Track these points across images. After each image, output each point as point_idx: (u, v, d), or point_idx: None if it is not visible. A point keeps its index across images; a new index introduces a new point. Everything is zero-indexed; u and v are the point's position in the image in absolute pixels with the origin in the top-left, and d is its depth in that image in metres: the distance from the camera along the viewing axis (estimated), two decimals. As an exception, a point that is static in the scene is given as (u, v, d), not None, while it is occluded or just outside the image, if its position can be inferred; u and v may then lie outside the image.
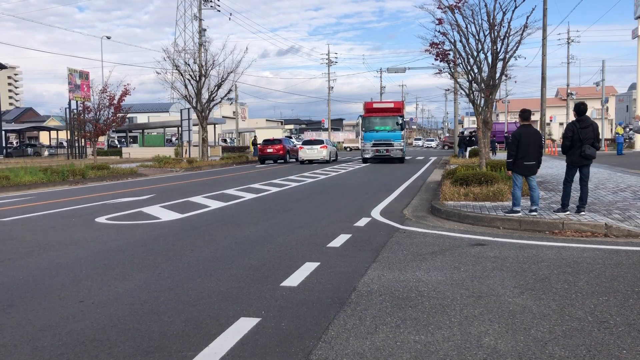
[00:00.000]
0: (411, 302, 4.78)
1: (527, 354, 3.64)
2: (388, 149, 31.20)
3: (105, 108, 32.70)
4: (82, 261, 6.61)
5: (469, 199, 11.06)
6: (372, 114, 32.91)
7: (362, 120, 33.57)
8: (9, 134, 63.83)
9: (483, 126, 15.42)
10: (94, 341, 3.95)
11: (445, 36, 15.34)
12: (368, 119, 32.74)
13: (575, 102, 9.46)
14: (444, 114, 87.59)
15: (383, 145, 31.33)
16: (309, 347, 3.79)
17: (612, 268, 5.94)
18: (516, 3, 13.90)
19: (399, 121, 32.26)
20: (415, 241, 7.60)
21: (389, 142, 31.29)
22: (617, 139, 35.59)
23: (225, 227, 9.08)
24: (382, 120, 32.47)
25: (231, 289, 5.25)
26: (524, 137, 8.95)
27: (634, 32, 42.36)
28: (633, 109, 62.90)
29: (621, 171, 18.55)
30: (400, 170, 25.16)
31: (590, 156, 8.85)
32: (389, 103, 34.39)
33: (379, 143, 31.43)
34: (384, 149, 31.28)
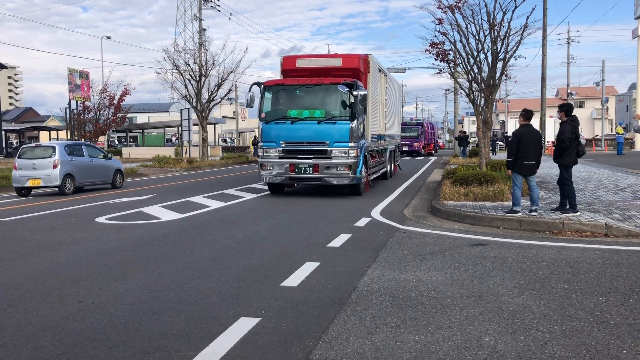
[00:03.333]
0: (411, 302, 4.78)
1: (527, 354, 3.64)
2: (317, 163, 13.22)
3: (105, 108, 32.75)
4: (82, 261, 6.61)
5: (469, 199, 11.06)
6: (292, 80, 14.02)
7: (264, 96, 13.95)
8: (9, 134, 63.78)
9: (483, 126, 15.41)
10: (94, 341, 3.95)
11: (446, 36, 15.34)
12: (277, 93, 13.92)
13: (562, 103, 9.47)
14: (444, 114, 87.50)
15: (306, 153, 13.41)
16: (309, 347, 3.79)
17: (612, 268, 5.94)
18: (516, 3, 13.89)
19: (348, 98, 13.28)
20: (415, 241, 7.60)
21: (319, 148, 13.30)
22: (617, 138, 35.59)
23: (225, 227, 9.08)
24: (309, 97, 13.77)
25: (231, 289, 5.25)
26: (525, 137, 8.94)
27: (634, 32, 42.35)
28: (633, 109, 62.96)
29: (621, 171, 18.55)
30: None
31: (584, 154, 9.20)
32: (329, 58, 15.22)
33: (299, 150, 13.46)
34: (309, 163, 13.32)
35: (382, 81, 17.13)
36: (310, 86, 13.54)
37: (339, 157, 13.02)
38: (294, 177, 13.41)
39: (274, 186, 14.23)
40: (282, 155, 13.39)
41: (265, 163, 13.60)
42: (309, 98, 13.60)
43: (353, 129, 13.03)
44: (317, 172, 13.11)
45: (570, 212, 8.87)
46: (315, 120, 13.19)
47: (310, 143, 13.18)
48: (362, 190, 13.73)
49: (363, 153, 13.60)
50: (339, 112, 13.18)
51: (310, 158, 13.19)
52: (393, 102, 20.50)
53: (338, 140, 13.03)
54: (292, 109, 13.53)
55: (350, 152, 13.03)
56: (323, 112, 13.26)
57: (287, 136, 13.35)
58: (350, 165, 13.00)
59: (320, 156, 13.13)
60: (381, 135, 16.99)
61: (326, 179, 13.10)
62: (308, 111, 13.39)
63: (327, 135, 13.07)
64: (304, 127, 13.25)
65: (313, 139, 13.15)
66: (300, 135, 13.25)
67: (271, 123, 13.49)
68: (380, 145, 16.98)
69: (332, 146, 13.03)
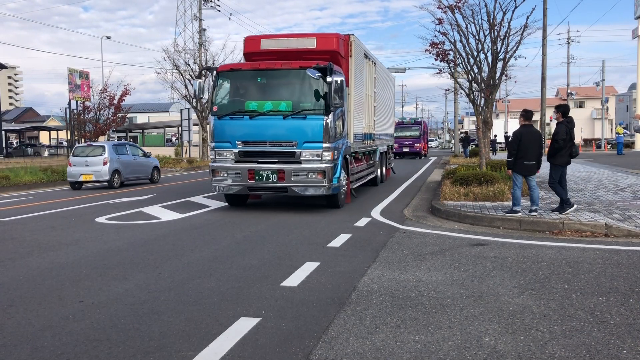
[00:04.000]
0: (411, 302, 4.78)
1: (527, 354, 3.64)
2: (282, 169, 10.60)
3: (105, 108, 32.71)
4: (82, 261, 6.61)
5: (469, 199, 11.06)
6: (252, 64, 11.38)
7: (216, 85, 11.29)
8: (9, 134, 63.80)
9: (483, 126, 15.41)
10: (94, 341, 3.95)
11: (445, 36, 15.33)
12: (233, 81, 11.36)
13: (559, 104, 9.50)
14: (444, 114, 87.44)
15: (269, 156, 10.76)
16: (309, 347, 3.79)
17: (612, 268, 5.94)
18: (516, 3, 13.87)
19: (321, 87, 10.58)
20: (415, 241, 7.60)
21: (285, 150, 10.69)
22: (617, 138, 35.59)
23: (225, 227, 9.08)
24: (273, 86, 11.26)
25: (231, 289, 5.25)
26: (525, 137, 8.95)
27: (634, 32, 42.37)
28: (633, 109, 62.95)
29: (621, 171, 18.55)
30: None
31: (577, 155, 9.23)
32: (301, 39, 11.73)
33: (259, 152, 10.84)
34: (272, 168, 10.66)
35: (369, 70, 14.56)
36: (274, 71, 10.93)
37: (311, 160, 10.42)
38: (254, 187, 10.73)
39: (232, 197, 11.70)
40: (239, 159, 10.77)
41: (217, 169, 10.94)
42: (272, 87, 11.05)
43: (328, 126, 10.44)
44: (282, 181, 10.45)
45: (568, 209, 8.90)
46: (280, 114, 10.58)
47: (274, 143, 10.58)
48: (341, 202, 11.22)
49: (342, 156, 11.11)
50: (311, 104, 10.57)
51: (274, 162, 10.55)
52: (384, 97, 17.90)
53: (309, 140, 10.43)
54: (251, 100, 10.92)
55: (324, 155, 10.39)
56: (290, 105, 10.63)
57: (244, 135, 10.73)
58: (325, 171, 10.34)
59: (287, 160, 10.52)
60: (369, 135, 14.51)
61: (294, 188, 10.47)
62: (271, 103, 10.71)
63: (295, 133, 10.46)
64: (266, 123, 10.65)
65: (277, 138, 10.56)
66: (261, 134, 10.65)
67: (225, 118, 10.87)
68: (368, 146, 14.53)
69: (301, 147, 10.43)
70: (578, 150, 9.21)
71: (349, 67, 12.06)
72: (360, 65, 13.00)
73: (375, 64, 15.61)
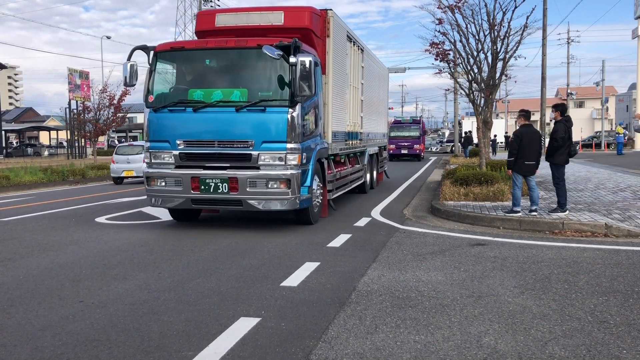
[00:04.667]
0: (411, 302, 4.78)
1: (527, 354, 3.64)
2: (235, 177, 8.31)
3: (105, 108, 32.71)
4: (82, 261, 6.61)
5: (469, 199, 11.06)
6: (198, 43, 9.14)
7: (154, 69, 8.96)
8: (9, 134, 63.83)
9: (483, 126, 15.41)
10: (94, 341, 3.95)
11: (445, 36, 15.32)
12: (174, 64, 9.16)
13: (557, 103, 9.52)
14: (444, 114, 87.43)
15: (218, 160, 8.49)
16: (309, 347, 3.79)
17: (612, 268, 5.94)
18: (516, 3, 13.85)
19: (285, 71, 8.33)
20: (415, 241, 7.60)
21: (239, 152, 8.40)
22: (617, 139, 35.60)
23: (225, 226, 9.08)
24: (224, 70, 9.07)
25: (231, 289, 5.25)
26: (526, 137, 8.97)
27: (634, 32, 42.40)
28: (633, 109, 62.97)
29: (621, 171, 18.55)
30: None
31: (575, 154, 9.25)
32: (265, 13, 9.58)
33: (206, 154, 8.55)
34: (222, 176, 8.38)
35: (355, 56, 12.44)
36: (225, 51, 8.67)
37: (271, 166, 8.22)
38: (199, 200, 8.49)
39: (178, 211, 9.57)
40: (180, 164, 8.55)
41: (153, 176, 8.72)
42: (224, 71, 8.94)
43: (294, 121, 8.21)
44: (235, 192, 8.23)
45: (559, 211, 8.89)
46: (232, 105, 8.31)
47: (225, 143, 8.35)
48: (314, 217, 9.12)
49: (315, 159, 8.93)
50: (272, 93, 8.41)
51: (224, 168, 8.32)
52: (375, 91, 15.63)
53: (269, 139, 8.23)
54: (196, 88, 8.66)
55: (289, 158, 8.22)
56: (245, 94, 8.38)
57: (187, 132, 8.50)
58: (289, 179, 8.16)
59: (241, 165, 8.30)
60: (354, 134, 12.36)
61: (251, 201, 8.23)
62: (222, 92, 8.48)
63: (251, 130, 8.25)
64: (214, 117, 8.42)
65: (229, 136, 8.33)
66: (208, 131, 8.42)
67: (163, 111, 8.68)
68: (353, 147, 12.28)
69: (259, 148, 8.20)
70: (577, 149, 9.23)
71: (326, 49, 9.87)
72: (341, 48, 10.83)
73: (363, 50, 13.39)
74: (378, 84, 16.27)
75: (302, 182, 8.49)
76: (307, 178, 8.64)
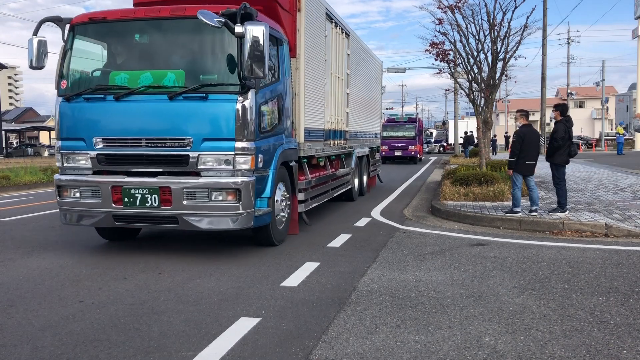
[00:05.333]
0: (411, 302, 4.78)
1: (527, 354, 3.65)
2: (167, 186, 6.38)
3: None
4: (82, 261, 6.61)
5: (469, 199, 11.06)
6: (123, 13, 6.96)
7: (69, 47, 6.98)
8: (9, 134, 63.85)
9: (483, 126, 15.42)
10: (94, 341, 3.95)
11: (445, 36, 15.35)
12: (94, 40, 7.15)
13: (557, 103, 9.53)
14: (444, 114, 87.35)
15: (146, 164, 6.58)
16: (309, 347, 3.79)
17: (612, 268, 5.94)
18: (516, 3, 13.87)
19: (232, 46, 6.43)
20: (415, 241, 7.60)
21: (172, 153, 6.47)
22: (618, 138, 35.61)
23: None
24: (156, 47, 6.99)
25: (231, 289, 5.25)
26: (528, 137, 8.98)
27: (634, 32, 42.42)
28: (633, 108, 62.99)
29: (621, 171, 18.55)
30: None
31: (575, 154, 9.21)
32: None
33: (130, 156, 6.63)
34: (151, 185, 6.45)
35: (338, 41, 10.68)
36: (158, 22, 6.82)
37: (216, 171, 6.38)
38: (123, 216, 6.64)
39: (102, 228, 7.60)
40: (99, 169, 6.70)
41: (65, 185, 6.84)
42: (156, 49, 6.96)
43: (246, 112, 6.36)
44: (168, 206, 6.36)
45: (559, 211, 8.89)
46: (164, 92, 6.44)
47: (155, 142, 6.48)
48: (277, 236, 7.30)
49: (277, 162, 7.13)
50: (217, 75, 6.65)
51: (154, 174, 6.49)
52: (364, 84, 13.71)
53: (212, 136, 6.38)
54: (120, 70, 6.85)
55: (238, 161, 6.36)
56: (182, 77, 6.57)
57: (107, 128, 6.66)
58: (239, 189, 6.29)
59: (176, 170, 6.48)
60: (337, 132, 10.67)
61: (189, 218, 6.36)
62: (151, 74, 6.62)
63: (188, 124, 6.42)
64: (141, 108, 6.55)
65: (160, 133, 6.49)
66: (133, 126, 6.55)
67: (77, 100, 6.79)
68: (336, 148, 10.56)
69: (198, 148, 6.36)
70: (577, 150, 9.24)
71: (296, 27, 8.08)
72: (318, 28, 9.09)
73: (349, 35, 11.59)
74: (368, 77, 14.48)
75: (259, 192, 6.69)
76: (265, 186, 6.85)
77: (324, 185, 9.76)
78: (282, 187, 7.50)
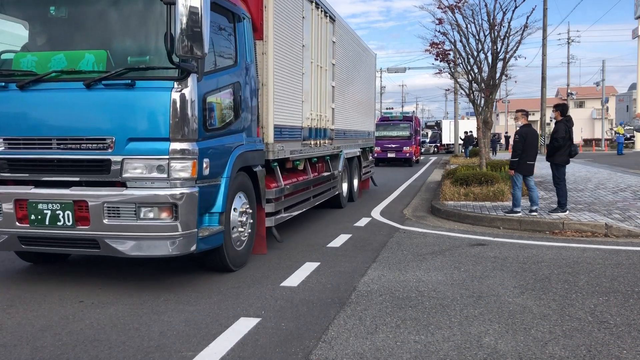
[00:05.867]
0: (411, 302, 4.78)
1: (527, 354, 3.65)
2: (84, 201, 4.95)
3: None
4: (82, 261, 6.61)
5: (469, 199, 11.06)
6: None
7: None
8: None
9: (483, 126, 15.42)
10: (94, 341, 3.95)
11: (446, 36, 15.35)
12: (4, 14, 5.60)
13: (558, 103, 9.54)
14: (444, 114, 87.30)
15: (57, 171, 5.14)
16: (309, 347, 3.79)
17: (612, 268, 5.94)
18: (516, 3, 13.85)
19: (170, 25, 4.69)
20: (415, 241, 7.60)
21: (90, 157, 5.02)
22: (618, 138, 35.61)
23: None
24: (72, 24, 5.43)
25: (231, 289, 5.25)
26: (529, 137, 9.00)
27: (634, 32, 42.40)
28: (633, 108, 62.99)
29: (621, 171, 18.56)
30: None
31: (576, 154, 9.23)
32: None
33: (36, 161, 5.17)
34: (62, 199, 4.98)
35: (320, 26, 9.33)
36: None
37: (145, 180, 5.00)
38: (31, 238, 5.20)
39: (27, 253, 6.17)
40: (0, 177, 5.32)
41: None
42: (73, 24, 5.54)
43: (185, 104, 4.99)
44: (85, 225, 5.01)
45: (560, 211, 8.89)
46: (80, 79, 5.11)
47: (68, 143, 5.11)
48: (233, 260, 5.88)
49: (232, 167, 5.74)
50: (148, 57, 5.32)
51: (67, 185, 5.13)
52: (354, 77, 12.45)
53: (140, 135, 5.03)
54: (27, 51, 5.52)
55: (174, 167, 4.99)
56: (103, 59, 5.20)
57: (9, 125, 5.29)
58: (175, 204, 4.94)
59: (95, 179, 5.10)
60: (320, 130, 9.39)
61: (111, 241, 4.99)
62: (64, 56, 5.26)
63: (110, 120, 5.07)
64: (52, 98, 5.19)
65: (74, 131, 5.12)
66: (41, 123, 5.22)
67: None
68: (319, 149, 9.30)
69: (122, 151, 5.00)
70: (577, 150, 9.23)
71: (263, 3, 6.89)
72: (293, 6, 7.88)
73: (335, 20, 10.38)
74: (360, 70, 13.09)
75: (207, 206, 5.34)
76: (215, 199, 5.46)
77: (303, 193, 8.46)
78: (242, 198, 6.09)
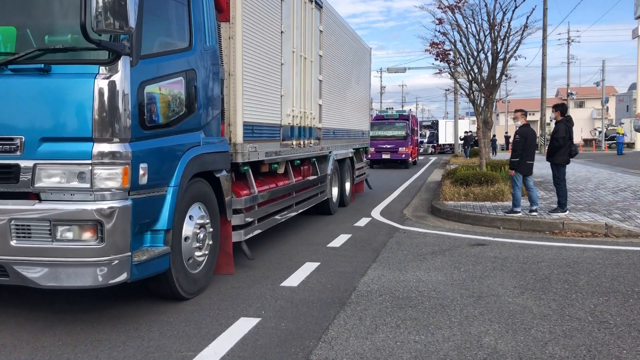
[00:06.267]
0: (411, 302, 4.78)
1: (527, 354, 3.65)
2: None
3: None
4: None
5: (469, 199, 11.06)
6: None
7: None
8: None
9: (483, 126, 15.42)
10: (94, 341, 3.95)
11: (446, 36, 15.36)
12: None
13: (557, 103, 9.55)
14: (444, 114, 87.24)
15: None
16: (309, 347, 3.79)
17: (612, 268, 5.94)
18: (516, 3, 13.86)
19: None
20: (415, 241, 7.60)
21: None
22: (618, 138, 35.61)
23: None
24: None
25: (231, 289, 5.25)
26: (529, 137, 9.00)
27: (634, 32, 42.43)
28: (633, 108, 62.98)
29: (621, 171, 18.56)
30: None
31: (576, 154, 9.24)
32: None
33: None
34: None
35: (303, 9, 8.31)
36: None
37: (63, 191, 3.89)
38: None
39: None
40: None
41: None
42: None
43: (114, 94, 3.90)
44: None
45: (560, 211, 8.89)
46: None
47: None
48: (186, 286, 4.80)
49: (182, 173, 4.64)
50: (70, 36, 4.08)
51: None
52: (345, 71, 11.40)
53: (56, 134, 3.92)
54: None
55: (99, 175, 3.88)
56: (12, 37, 4.20)
57: None
58: (100, 221, 3.83)
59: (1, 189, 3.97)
60: (304, 129, 8.38)
61: (20, 269, 3.98)
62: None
63: (18, 115, 3.94)
64: None
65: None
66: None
67: None
68: (303, 151, 8.30)
69: (34, 154, 3.89)
70: (577, 149, 9.25)
71: None
72: None
73: (322, 7, 9.32)
74: (352, 63, 12.01)
75: (147, 223, 4.36)
76: (159, 213, 4.43)
77: (283, 200, 7.47)
78: (200, 210, 5.06)
